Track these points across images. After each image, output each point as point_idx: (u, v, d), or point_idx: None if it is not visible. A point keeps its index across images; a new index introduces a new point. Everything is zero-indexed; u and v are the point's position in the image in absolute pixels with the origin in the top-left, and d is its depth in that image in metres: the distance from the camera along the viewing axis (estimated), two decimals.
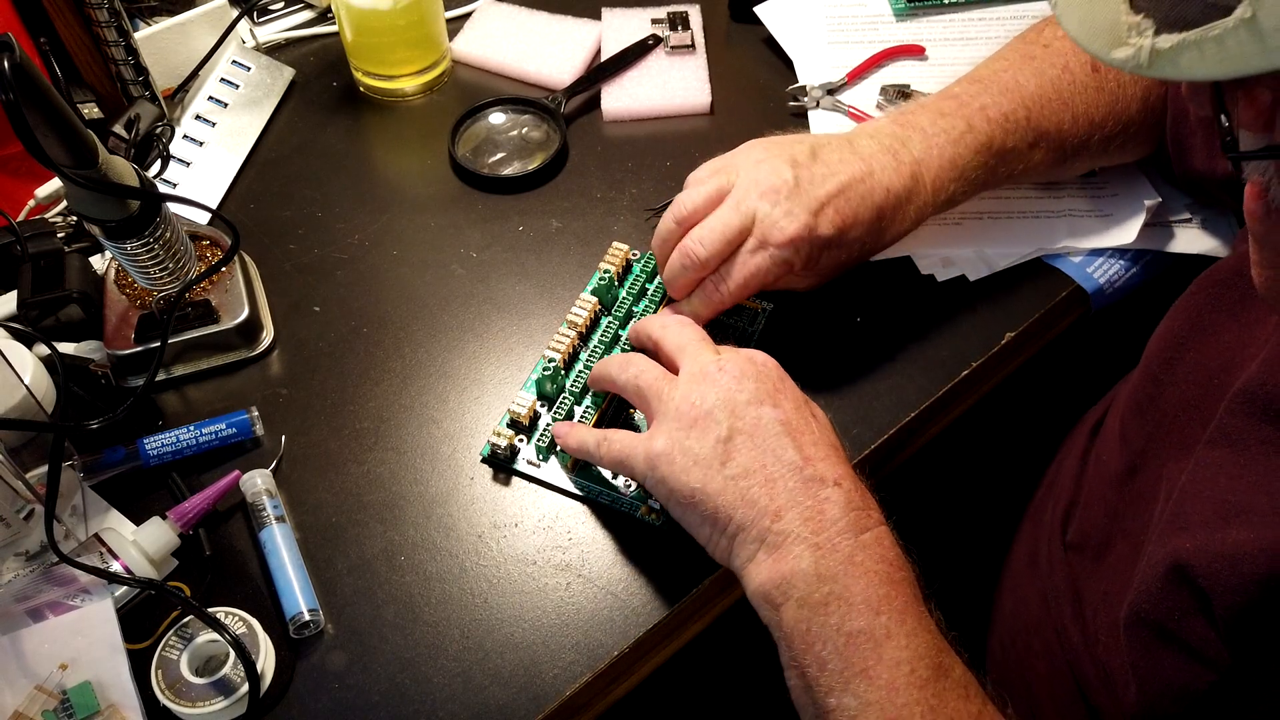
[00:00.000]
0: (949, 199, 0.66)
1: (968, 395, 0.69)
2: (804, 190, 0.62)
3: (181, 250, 0.64)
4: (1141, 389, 0.60)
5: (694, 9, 0.91)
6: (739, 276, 0.62)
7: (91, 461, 0.64)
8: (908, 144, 0.65)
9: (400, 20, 0.83)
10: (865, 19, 0.87)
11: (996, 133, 0.65)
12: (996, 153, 0.66)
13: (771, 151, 0.64)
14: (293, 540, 0.61)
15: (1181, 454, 0.54)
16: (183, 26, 0.86)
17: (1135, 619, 0.51)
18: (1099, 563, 0.60)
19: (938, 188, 0.65)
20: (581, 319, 0.69)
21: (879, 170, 0.63)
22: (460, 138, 0.84)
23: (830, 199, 0.62)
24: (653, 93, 0.85)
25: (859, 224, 0.63)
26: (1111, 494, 0.60)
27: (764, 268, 0.62)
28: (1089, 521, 0.62)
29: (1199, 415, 0.54)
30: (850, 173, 0.63)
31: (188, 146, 0.82)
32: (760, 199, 0.62)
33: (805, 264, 0.63)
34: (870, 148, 0.64)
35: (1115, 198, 0.74)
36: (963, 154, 0.65)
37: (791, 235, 0.61)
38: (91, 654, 0.56)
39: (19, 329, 0.65)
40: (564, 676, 0.57)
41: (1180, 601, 0.48)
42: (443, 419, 0.67)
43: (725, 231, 0.62)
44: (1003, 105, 0.66)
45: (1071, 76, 0.66)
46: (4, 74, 0.47)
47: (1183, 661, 0.49)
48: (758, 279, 0.63)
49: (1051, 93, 0.66)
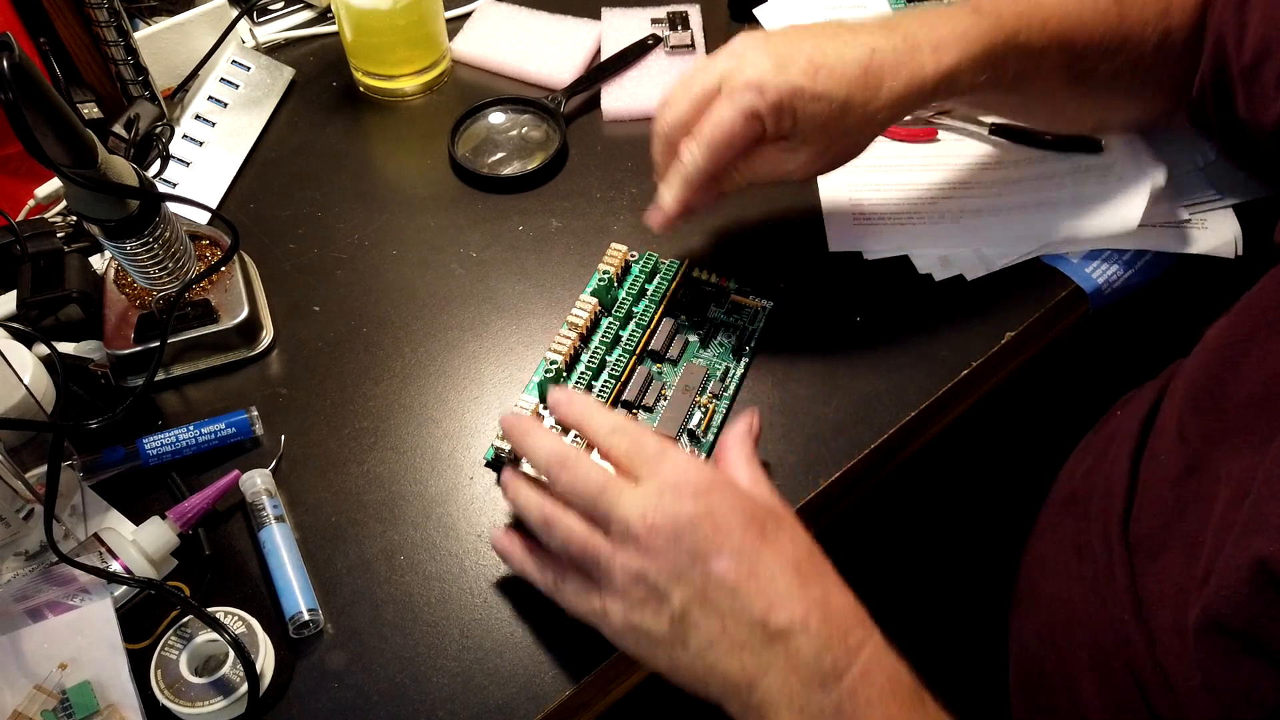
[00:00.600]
0: (951, 72, 0.61)
1: (968, 395, 0.69)
2: (774, 45, 0.59)
3: (181, 250, 0.64)
4: (1200, 387, 0.58)
5: (694, 9, 0.91)
6: (703, 131, 0.59)
7: (91, 461, 0.64)
8: (904, 19, 0.62)
9: (400, 20, 0.83)
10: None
11: (1009, 22, 0.62)
12: (1008, 40, 0.62)
13: (753, 33, 0.62)
14: (292, 540, 0.61)
15: (1248, 453, 0.52)
16: (182, 26, 0.86)
17: (1211, 625, 0.49)
18: (1154, 562, 0.58)
19: (938, 55, 0.61)
20: (582, 320, 0.69)
21: (865, 35, 0.60)
22: (460, 137, 0.84)
23: (801, 50, 0.59)
24: (652, 93, 0.85)
25: (836, 75, 0.58)
26: (1169, 493, 0.58)
27: (726, 117, 0.58)
28: (1147, 520, 0.60)
29: (1268, 414, 0.52)
30: (830, 33, 0.60)
31: (187, 146, 0.82)
32: (727, 57, 0.60)
33: (776, 118, 0.59)
34: (861, 23, 0.62)
35: (1119, 180, 0.73)
36: (968, 31, 0.61)
37: (752, 78, 0.58)
38: (91, 654, 0.56)
39: (19, 329, 0.65)
40: (564, 676, 0.57)
41: (1268, 607, 0.46)
42: (443, 419, 0.67)
43: (690, 88, 0.59)
44: (1019, 5, 0.63)
45: (1095, 1, 0.64)
46: (3, 74, 0.47)
47: (1265, 670, 0.46)
48: (723, 131, 0.58)
49: (1073, 7, 0.63)
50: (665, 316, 0.70)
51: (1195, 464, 0.57)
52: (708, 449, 0.64)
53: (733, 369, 0.68)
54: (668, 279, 0.72)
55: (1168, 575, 0.56)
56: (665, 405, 0.66)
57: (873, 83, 0.59)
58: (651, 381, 0.67)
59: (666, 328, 0.69)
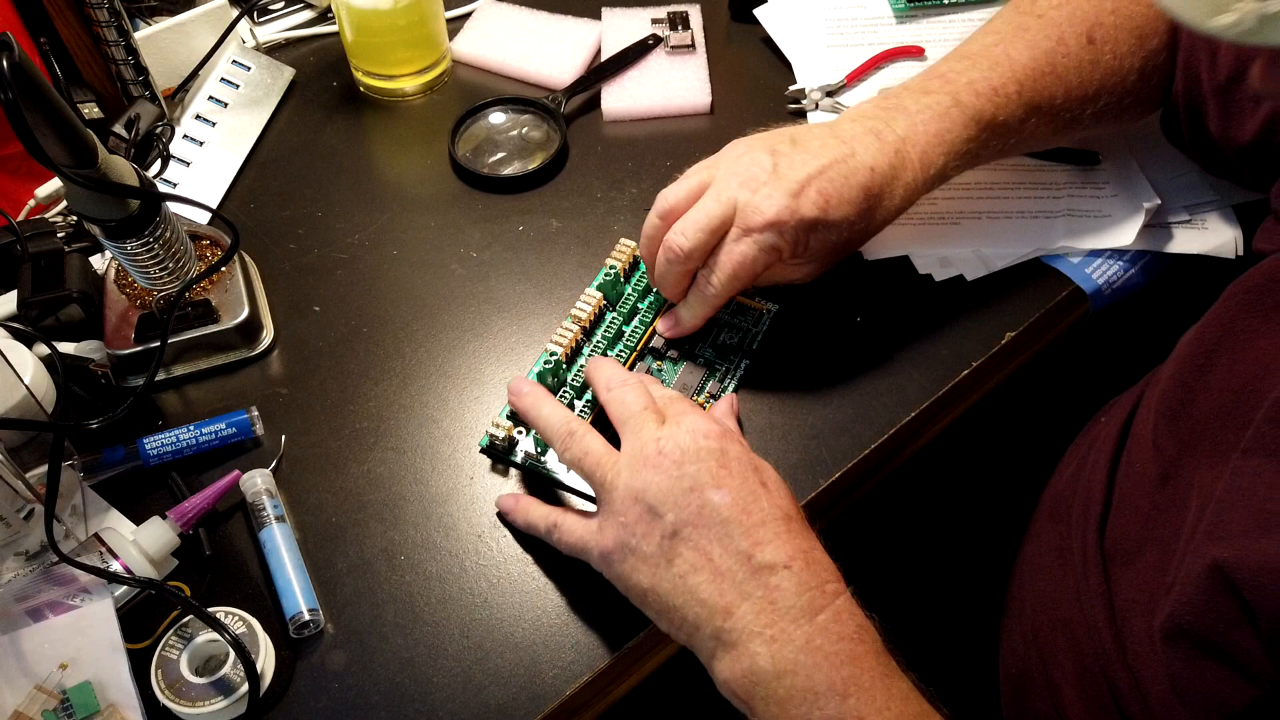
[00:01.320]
0: (939, 173, 0.65)
1: (968, 395, 0.69)
2: (783, 175, 0.61)
3: (181, 250, 0.64)
4: (1173, 396, 0.59)
5: (694, 9, 0.91)
6: (726, 266, 0.62)
7: (91, 461, 0.64)
8: (891, 124, 0.64)
9: (400, 20, 0.83)
10: (865, 21, 0.87)
11: (986, 106, 0.64)
12: (986, 125, 0.65)
13: (753, 145, 0.64)
14: (293, 540, 0.61)
15: (1213, 462, 0.53)
16: (183, 26, 0.86)
17: (1175, 630, 0.50)
18: (1128, 568, 0.59)
19: (926, 162, 0.64)
20: (585, 314, 0.69)
21: (861, 150, 0.63)
22: (460, 138, 0.84)
23: (810, 180, 0.61)
24: (653, 92, 0.85)
25: (844, 202, 0.62)
26: (1144, 501, 0.59)
27: (749, 255, 0.61)
28: (1123, 527, 0.61)
29: (1232, 423, 0.53)
30: (831, 155, 0.62)
31: (188, 146, 0.82)
32: (740, 187, 0.61)
33: (793, 248, 0.62)
34: (852, 130, 0.64)
35: (1114, 199, 0.74)
36: (950, 128, 0.64)
37: (770, 218, 0.60)
38: (91, 654, 0.56)
39: (19, 329, 0.65)
40: (564, 676, 0.57)
41: (1223, 612, 0.47)
42: (443, 418, 0.67)
43: (707, 221, 0.61)
44: (991, 79, 0.65)
45: (1066, 49, 0.65)
46: (3, 74, 0.47)
47: (1225, 675, 0.47)
48: (745, 268, 0.62)
49: (1045, 65, 0.65)
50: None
51: (1169, 472, 0.58)
52: None
53: (733, 369, 0.68)
54: None
55: (1140, 582, 0.57)
56: None
57: (874, 203, 0.63)
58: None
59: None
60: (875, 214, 0.64)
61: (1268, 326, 0.53)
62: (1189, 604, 0.49)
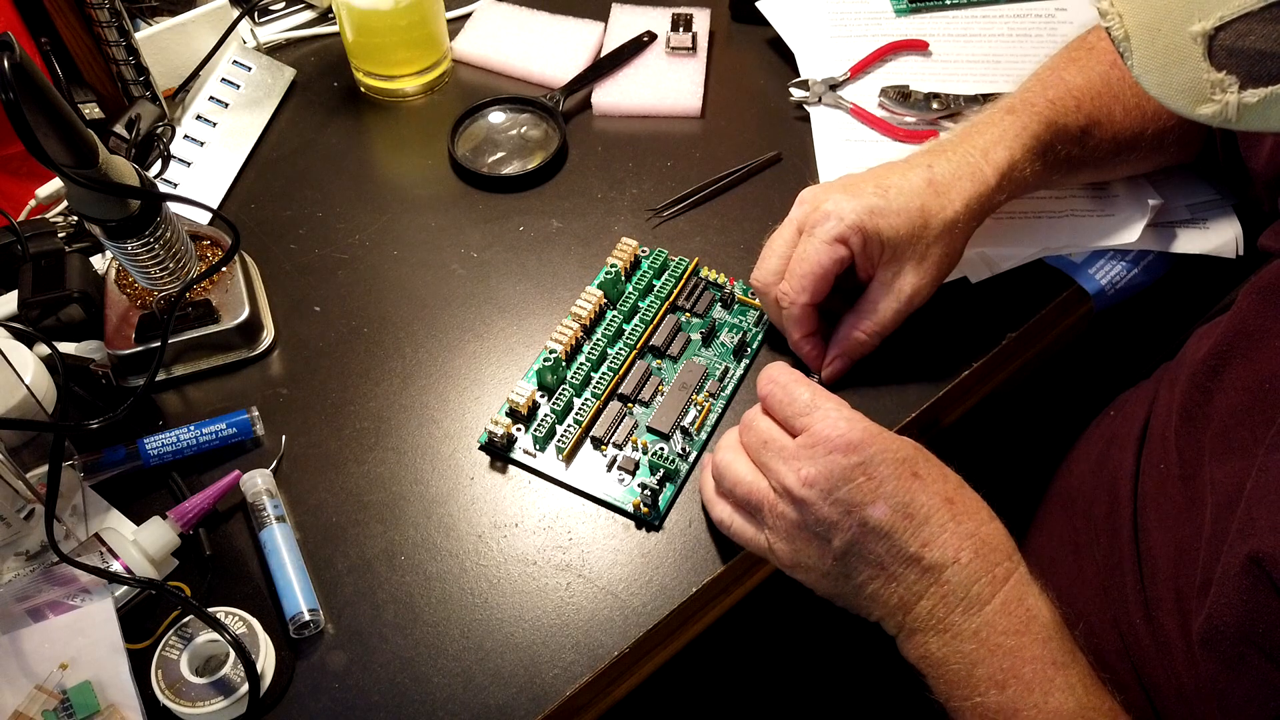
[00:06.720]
0: (1008, 163, 0.65)
1: (969, 396, 0.69)
2: (839, 182, 0.64)
3: (182, 250, 0.64)
4: (1190, 397, 0.59)
5: (702, 13, 0.90)
6: (794, 269, 0.63)
7: (92, 461, 0.64)
8: (948, 144, 0.66)
9: (401, 20, 0.83)
10: (867, 15, 0.87)
11: (1045, 109, 0.65)
12: (1046, 124, 0.65)
13: (820, 184, 0.67)
14: (293, 540, 0.61)
15: (1231, 460, 0.53)
16: (183, 26, 0.86)
17: (1214, 633, 0.49)
18: (1155, 568, 0.59)
19: (988, 153, 0.65)
20: (586, 312, 0.69)
21: (918, 160, 0.65)
22: (460, 137, 0.84)
23: (867, 180, 0.63)
24: (644, 92, 0.85)
25: (906, 190, 0.63)
26: (1167, 502, 0.59)
27: (812, 249, 0.62)
28: (1148, 529, 0.61)
29: (1251, 421, 0.53)
30: (885, 168, 0.65)
31: (188, 146, 0.82)
32: (799, 205, 0.65)
33: (863, 239, 0.62)
34: (910, 156, 0.66)
35: (1117, 198, 0.74)
36: (1007, 129, 0.65)
37: (829, 208, 0.62)
38: (91, 654, 0.56)
39: (19, 329, 0.65)
40: (564, 676, 0.57)
41: (1263, 609, 0.47)
42: (443, 419, 0.67)
43: (775, 243, 0.64)
44: (1048, 93, 0.66)
45: (1120, 72, 0.66)
46: (4, 74, 0.47)
47: (1268, 672, 0.47)
48: (810, 264, 0.62)
49: (1100, 85, 0.66)
50: (669, 313, 0.70)
51: (1189, 472, 0.58)
52: (699, 447, 0.64)
53: (732, 369, 0.68)
54: (675, 276, 0.72)
55: (1168, 581, 0.57)
56: (661, 401, 0.66)
57: (940, 191, 0.63)
58: (650, 376, 0.67)
59: (669, 324, 0.69)
60: (948, 203, 0.63)
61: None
62: (1227, 604, 0.49)
